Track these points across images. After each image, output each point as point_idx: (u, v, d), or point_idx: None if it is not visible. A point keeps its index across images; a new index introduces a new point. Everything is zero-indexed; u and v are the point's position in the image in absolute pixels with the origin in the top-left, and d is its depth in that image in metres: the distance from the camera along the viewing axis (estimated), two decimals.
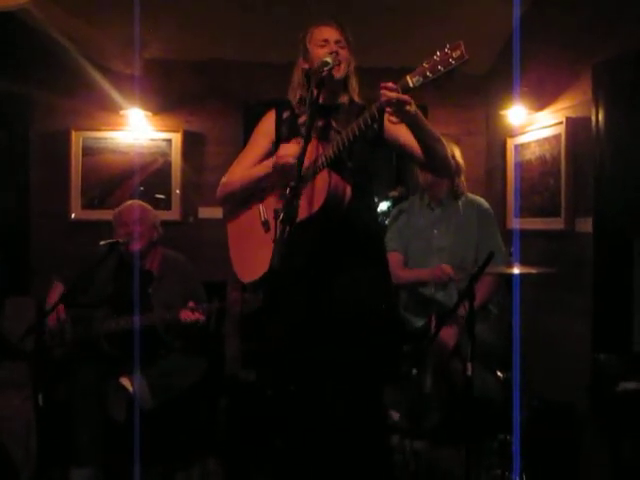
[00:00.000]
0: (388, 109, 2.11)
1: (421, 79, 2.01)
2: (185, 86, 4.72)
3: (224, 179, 2.64)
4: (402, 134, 2.39)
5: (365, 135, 2.26)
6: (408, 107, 2.09)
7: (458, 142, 3.75)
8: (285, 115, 2.60)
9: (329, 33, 2.47)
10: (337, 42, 2.46)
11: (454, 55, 1.95)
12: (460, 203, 3.50)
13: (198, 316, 3.25)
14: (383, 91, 2.08)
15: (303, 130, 2.38)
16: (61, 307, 3.32)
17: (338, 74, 2.43)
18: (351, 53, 2.50)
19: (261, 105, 4.71)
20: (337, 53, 2.41)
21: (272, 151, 2.54)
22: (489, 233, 3.43)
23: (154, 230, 3.56)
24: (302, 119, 2.49)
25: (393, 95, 2.06)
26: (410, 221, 3.55)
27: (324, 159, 2.29)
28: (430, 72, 1.99)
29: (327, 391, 2.42)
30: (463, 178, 3.53)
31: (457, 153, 3.47)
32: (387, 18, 4.10)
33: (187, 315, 3.24)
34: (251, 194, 2.56)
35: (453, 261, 3.33)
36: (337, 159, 2.29)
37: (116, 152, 4.66)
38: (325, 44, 2.45)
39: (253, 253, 2.47)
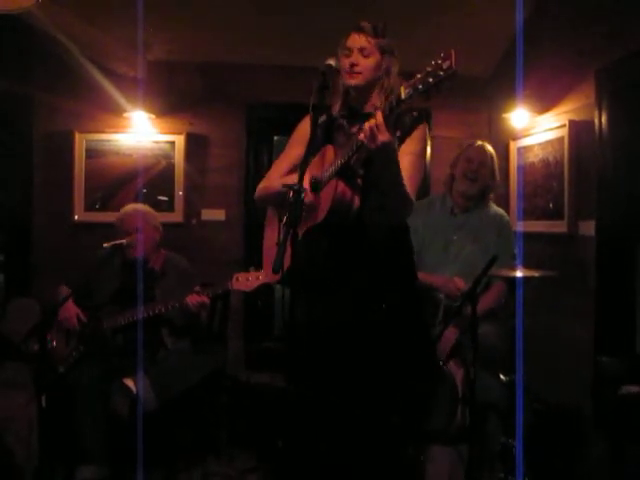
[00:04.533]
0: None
1: (411, 91, 2.04)
2: (188, 88, 4.72)
3: (260, 184, 2.67)
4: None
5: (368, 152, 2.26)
6: (380, 137, 2.10)
7: (460, 145, 3.74)
8: (322, 120, 2.56)
9: (354, 41, 2.42)
10: (361, 50, 2.40)
11: (444, 66, 1.96)
12: (483, 213, 3.48)
13: (204, 298, 3.36)
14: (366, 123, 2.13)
15: (337, 135, 2.43)
16: (75, 308, 3.41)
17: (353, 81, 2.41)
18: (383, 57, 2.43)
19: (264, 107, 4.77)
20: (354, 64, 2.38)
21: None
22: (505, 245, 3.41)
23: (157, 232, 3.66)
24: (338, 123, 2.48)
25: (367, 127, 2.11)
26: (428, 222, 3.48)
27: (333, 168, 2.31)
28: (421, 84, 2.01)
29: (346, 396, 2.42)
30: (493, 193, 3.54)
31: (495, 165, 3.49)
32: (389, 21, 4.09)
33: (194, 299, 3.34)
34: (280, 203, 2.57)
35: (467, 269, 3.28)
36: (347, 168, 2.30)
37: (119, 154, 4.67)
38: (349, 53, 2.41)
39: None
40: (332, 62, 2.34)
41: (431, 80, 1.98)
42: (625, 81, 3.31)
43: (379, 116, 2.11)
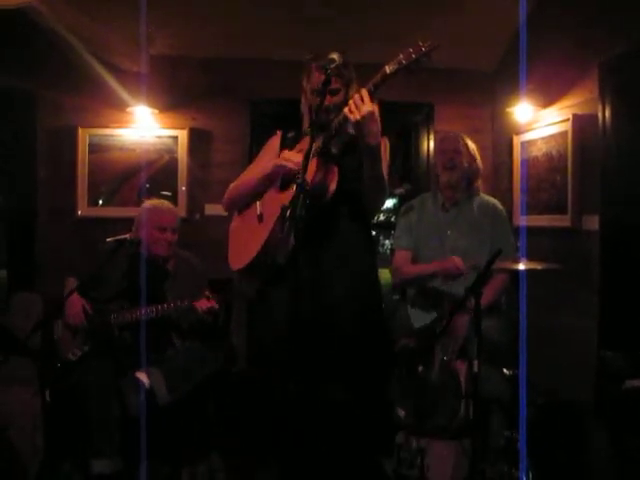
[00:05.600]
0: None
1: (396, 66, 2.22)
2: (191, 83, 4.72)
3: (230, 187, 2.80)
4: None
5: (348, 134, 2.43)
6: (364, 107, 2.27)
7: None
8: (290, 135, 2.75)
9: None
10: (330, 91, 2.49)
11: (426, 45, 2.17)
12: (475, 204, 3.48)
13: (213, 303, 3.36)
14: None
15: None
16: (82, 301, 3.39)
17: (323, 115, 2.52)
18: (348, 88, 2.56)
19: (267, 102, 4.76)
20: (326, 105, 2.49)
21: None
22: (503, 235, 3.40)
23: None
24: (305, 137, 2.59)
25: (350, 101, 2.30)
26: (422, 220, 3.51)
27: (313, 151, 2.39)
28: (404, 60, 2.20)
29: (317, 387, 2.51)
30: (480, 180, 3.53)
31: (477, 153, 3.49)
32: (392, 15, 4.10)
33: (203, 304, 3.35)
34: (252, 199, 2.70)
35: (466, 263, 3.30)
36: (325, 152, 2.45)
37: (122, 149, 4.67)
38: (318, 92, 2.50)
39: (244, 243, 2.63)
40: (335, 56, 2.38)
41: (413, 55, 2.18)
42: (629, 75, 3.30)
43: (364, 91, 2.27)
